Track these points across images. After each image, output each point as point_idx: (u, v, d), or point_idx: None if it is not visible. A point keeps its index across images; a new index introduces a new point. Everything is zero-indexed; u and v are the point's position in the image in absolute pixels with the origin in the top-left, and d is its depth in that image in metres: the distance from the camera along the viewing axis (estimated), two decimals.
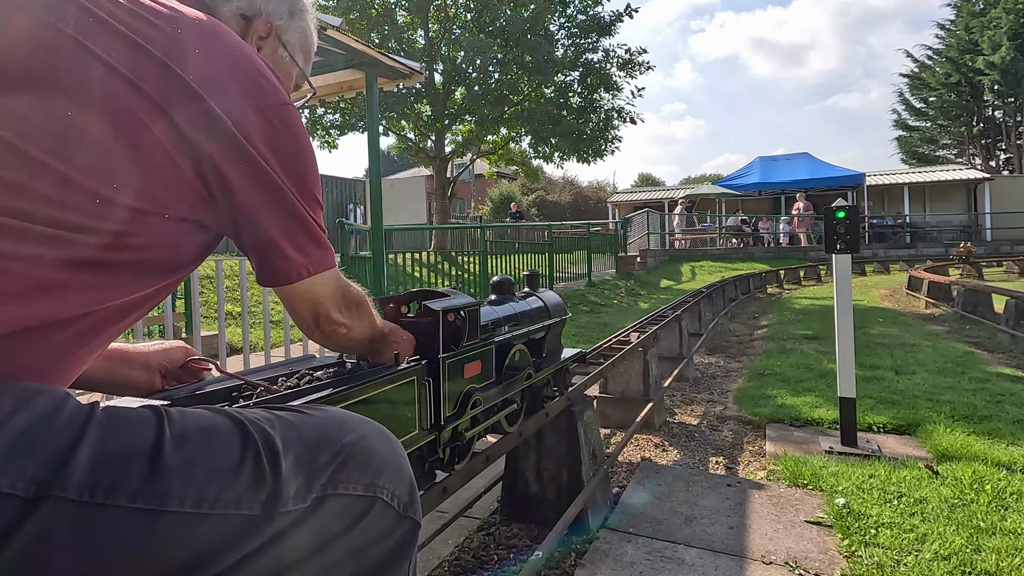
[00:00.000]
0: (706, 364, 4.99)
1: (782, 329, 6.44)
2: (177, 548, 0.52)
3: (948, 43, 28.97)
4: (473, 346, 1.27)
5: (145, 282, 0.63)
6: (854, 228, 2.88)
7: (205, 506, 0.53)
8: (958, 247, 13.36)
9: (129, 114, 0.58)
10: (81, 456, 0.49)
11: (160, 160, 0.60)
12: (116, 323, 0.63)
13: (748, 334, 6.49)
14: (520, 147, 14.62)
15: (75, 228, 0.56)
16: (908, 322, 6.75)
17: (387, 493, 0.66)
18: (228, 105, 0.63)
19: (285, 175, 0.68)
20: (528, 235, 10.20)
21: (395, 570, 0.68)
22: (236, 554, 0.55)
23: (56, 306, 0.55)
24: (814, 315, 7.52)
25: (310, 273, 0.73)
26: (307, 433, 0.63)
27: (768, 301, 9.76)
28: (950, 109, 29.56)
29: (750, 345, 5.81)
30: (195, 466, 0.54)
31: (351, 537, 0.63)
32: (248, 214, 0.67)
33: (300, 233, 0.71)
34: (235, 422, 0.59)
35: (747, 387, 4.02)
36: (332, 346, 0.88)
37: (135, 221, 0.59)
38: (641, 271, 13.07)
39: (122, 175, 0.58)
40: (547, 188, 45.33)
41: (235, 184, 0.64)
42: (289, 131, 0.69)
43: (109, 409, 0.55)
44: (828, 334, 5.83)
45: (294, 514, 0.58)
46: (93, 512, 0.48)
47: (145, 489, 0.50)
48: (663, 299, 9.19)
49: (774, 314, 7.86)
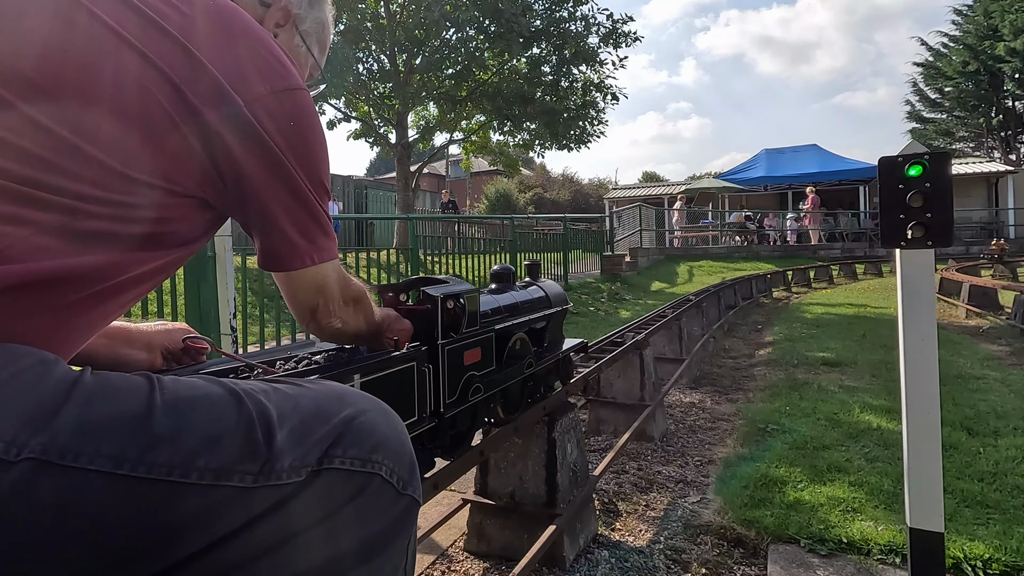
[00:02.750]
0: (684, 406, 3.57)
1: (791, 349, 5.00)
2: (163, 518, 0.49)
3: (966, 30, 27.31)
4: (473, 333, 1.25)
5: (149, 256, 0.62)
6: (942, 199, 1.45)
7: (194, 475, 0.50)
8: (989, 244, 11.85)
9: (142, 89, 0.58)
10: (65, 419, 0.48)
11: (171, 136, 0.59)
12: (117, 297, 0.61)
13: (748, 355, 5.06)
14: (498, 136, 13.27)
15: (80, 197, 0.55)
16: (953, 339, 5.30)
17: (386, 469, 0.62)
18: (241, 86, 0.63)
19: (295, 160, 0.67)
20: (490, 230, 8.78)
21: (392, 548, 0.64)
22: (226, 526, 0.52)
23: (56, 271, 0.54)
24: (831, 328, 6.07)
25: (314, 262, 0.73)
26: (304, 405, 0.60)
27: (774, 308, 8.31)
28: (967, 99, 27.90)
29: (749, 372, 4.39)
30: (185, 434, 0.51)
31: (347, 513, 0.59)
32: (256, 197, 0.66)
33: (307, 220, 0.70)
34: (229, 392, 0.57)
35: (740, 458, 2.60)
36: (325, 338, 0.87)
37: (142, 194, 0.59)
38: (630, 272, 11.64)
39: (132, 148, 0.57)
40: (545, 185, 43.96)
41: (244, 165, 0.64)
42: (302, 117, 0.68)
43: (100, 375, 0.53)
44: (853, 358, 4.39)
45: (288, 487, 0.55)
46: (76, 476, 0.46)
47: (131, 456, 0.48)
48: (652, 305, 7.78)
49: (781, 326, 6.42)
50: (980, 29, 26.17)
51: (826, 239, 18.13)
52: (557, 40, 8.61)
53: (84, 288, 0.57)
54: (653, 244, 15.17)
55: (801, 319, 6.83)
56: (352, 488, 0.60)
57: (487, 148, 13.52)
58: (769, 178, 20.64)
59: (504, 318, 1.46)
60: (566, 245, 9.27)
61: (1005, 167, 21.83)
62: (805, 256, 16.39)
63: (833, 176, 19.85)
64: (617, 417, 3.03)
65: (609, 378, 3.07)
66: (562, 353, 1.78)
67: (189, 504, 0.50)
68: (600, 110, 11.19)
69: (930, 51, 29.14)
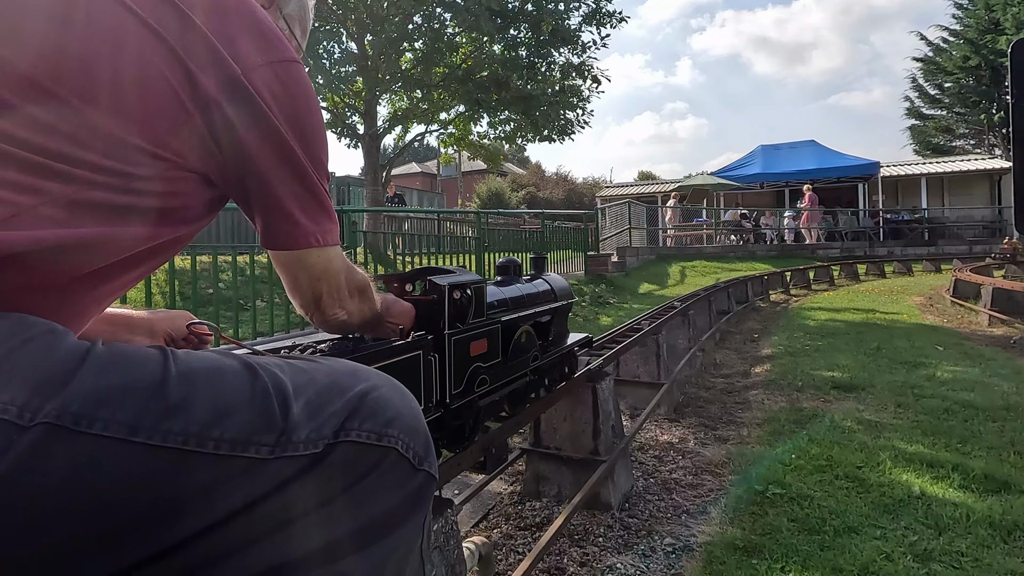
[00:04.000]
0: (660, 448, 2.76)
1: (794, 366, 4.20)
2: (178, 488, 0.48)
3: (966, 24, 26.64)
4: (479, 324, 1.24)
5: (153, 232, 0.61)
6: None
7: (210, 445, 0.49)
8: (992, 244, 11.09)
9: (144, 56, 0.57)
10: (79, 385, 0.47)
11: (171, 106, 0.58)
12: (122, 275, 0.61)
13: (742, 372, 4.26)
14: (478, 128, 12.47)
15: (88, 166, 0.54)
16: (982, 353, 4.51)
17: (401, 444, 0.61)
18: (238, 55, 0.62)
19: (293, 134, 0.65)
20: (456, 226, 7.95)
21: (409, 524, 0.62)
22: (242, 498, 0.51)
23: (63, 240, 0.53)
24: (837, 338, 5.28)
25: (319, 243, 0.70)
26: (319, 379, 0.60)
27: (772, 313, 7.52)
28: (968, 95, 27.22)
29: (743, 396, 3.59)
30: (200, 404, 0.50)
31: (364, 486, 0.58)
32: (256, 172, 0.64)
33: (309, 199, 0.68)
34: (244, 364, 0.56)
35: (728, 548, 1.79)
36: (328, 329, 0.85)
37: (148, 165, 0.58)
38: (617, 273, 10.84)
39: (137, 117, 0.57)
40: (538, 184, 43.21)
41: (242, 136, 0.62)
42: (298, 89, 0.66)
43: (112, 345, 0.52)
44: (869, 380, 3.58)
45: (305, 459, 0.54)
46: (91, 443, 0.45)
47: (147, 424, 0.47)
48: (638, 309, 6.99)
49: (781, 335, 5.62)
50: (981, 23, 25.48)
51: (825, 238, 17.41)
52: (533, 15, 7.78)
53: (90, 261, 0.56)
54: (644, 243, 14.37)
55: (802, 327, 6.04)
56: (369, 462, 0.58)
57: (466, 141, 12.70)
58: (766, 175, 19.91)
59: (509, 310, 1.44)
60: (545, 243, 8.45)
61: (1009, 163, 21.11)
62: (803, 256, 15.66)
63: (832, 173, 19.13)
64: (562, 475, 2.22)
65: (552, 421, 2.26)
66: (567, 348, 1.76)
67: (205, 474, 0.49)
68: (584, 98, 10.39)
69: (929, 46, 28.47)
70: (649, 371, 3.37)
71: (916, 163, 23.27)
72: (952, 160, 22.60)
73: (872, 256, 16.34)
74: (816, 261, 14.11)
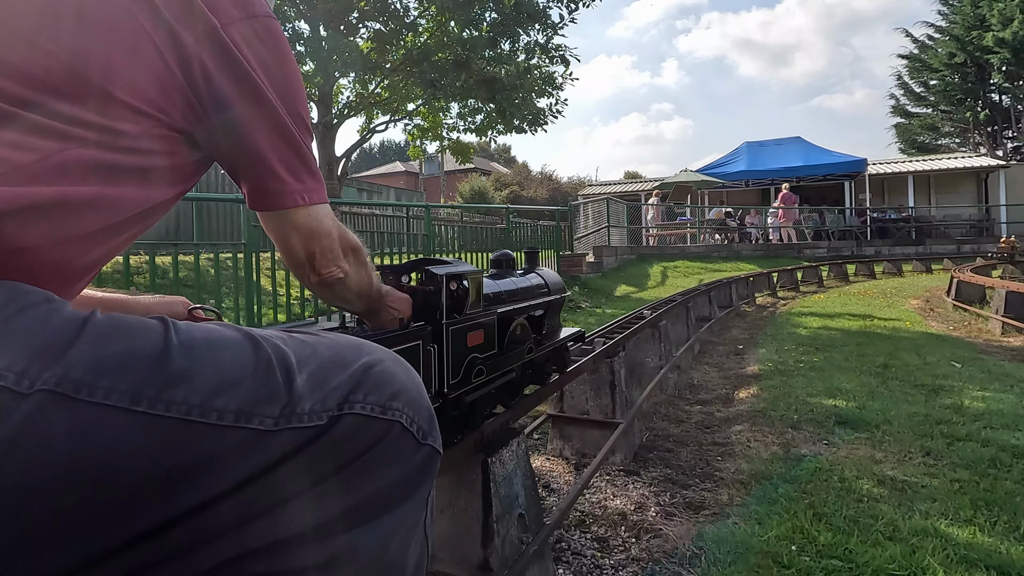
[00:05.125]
0: (606, 522, 1.97)
1: (786, 390, 3.44)
2: (181, 458, 0.47)
3: (952, 20, 26.28)
4: (476, 315, 1.24)
5: (142, 193, 0.60)
6: None
7: (213, 416, 0.48)
8: (999, 242, 10.50)
9: (128, 12, 0.57)
10: (79, 353, 0.45)
11: (154, 62, 0.58)
12: (112, 238, 0.59)
13: (724, 398, 3.48)
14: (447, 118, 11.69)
15: (79, 123, 0.54)
16: (1008, 371, 3.78)
17: (406, 418, 0.60)
18: (217, 9, 0.61)
19: (273, 88, 0.65)
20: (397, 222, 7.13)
21: (413, 498, 0.61)
22: (245, 470, 0.49)
23: (56, 197, 0.52)
24: (834, 350, 4.54)
25: (306, 202, 0.69)
26: (322, 352, 0.58)
27: (758, 318, 6.79)
28: (953, 93, 26.90)
29: (724, 435, 2.81)
30: (203, 374, 0.49)
31: (368, 459, 0.57)
32: (237, 128, 0.64)
33: (292, 156, 0.67)
34: (246, 335, 0.55)
35: None
36: (328, 296, 0.81)
37: (135, 121, 0.57)
38: (593, 274, 10.08)
39: (121, 72, 0.56)
40: (522, 183, 42.44)
41: (225, 92, 0.62)
42: (276, 44, 0.66)
43: (111, 315, 0.51)
44: (883, 412, 2.83)
45: (310, 431, 0.53)
46: (92, 411, 0.44)
47: (149, 393, 0.46)
48: (611, 315, 6.23)
49: (769, 347, 4.87)
50: (967, 19, 25.12)
51: (811, 237, 16.82)
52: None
53: (83, 224, 0.54)
54: (624, 242, 13.63)
55: (793, 336, 5.30)
56: (373, 434, 0.57)
57: (435, 133, 11.88)
58: (751, 172, 19.31)
59: (505, 303, 1.43)
60: (510, 242, 7.65)
61: (996, 161, 20.74)
62: (789, 256, 15.03)
63: (818, 170, 18.59)
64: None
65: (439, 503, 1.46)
66: (560, 341, 1.77)
67: (208, 445, 0.48)
68: (556, 85, 9.61)
69: (915, 43, 28.10)
70: (602, 406, 2.58)
71: (903, 161, 22.82)
72: (939, 158, 22.16)
73: (860, 256, 15.77)
74: (803, 261, 13.48)
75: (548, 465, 2.52)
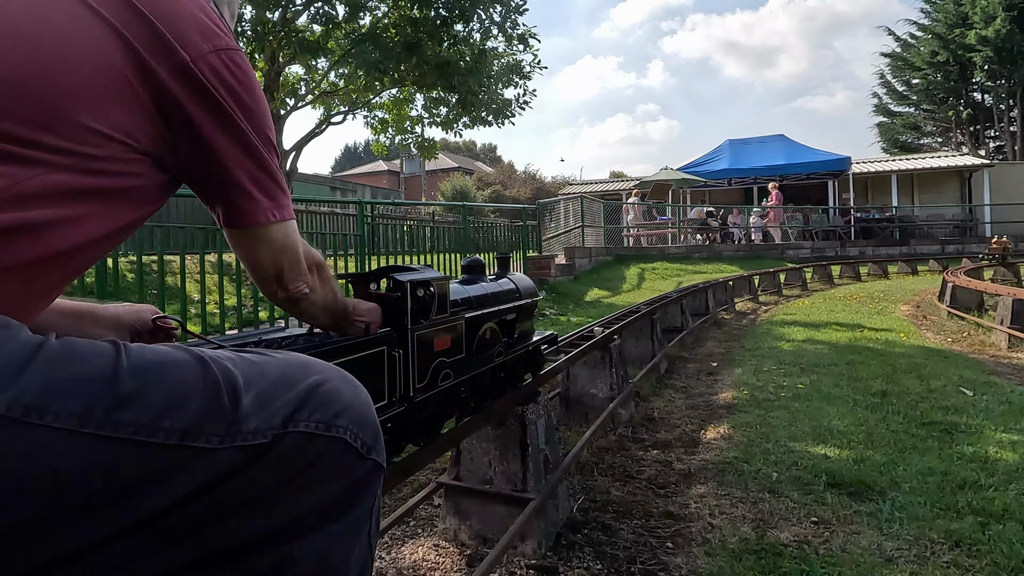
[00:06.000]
0: None
1: (765, 431, 2.75)
2: (127, 476, 0.50)
3: (935, 18, 26.03)
4: (442, 320, 1.26)
5: (106, 215, 0.61)
6: None
7: (160, 436, 0.51)
8: (991, 243, 9.99)
9: (94, 41, 0.58)
10: (31, 377, 0.47)
11: (121, 88, 0.59)
12: (74, 259, 0.60)
13: (687, 440, 2.78)
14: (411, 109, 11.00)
15: (44, 147, 0.55)
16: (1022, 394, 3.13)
17: (350, 434, 0.63)
18: (186, 43, 0.63)
19: (243, 116, 0.67)
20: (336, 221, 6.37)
21: (357, 510, 0.65)
22: (190, 485, 0.52)
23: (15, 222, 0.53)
24: (822, 372, 3.88)
25: (276, 219, 0.72)
26: (270, 372, 0.61)
27: (737, 328, 6.14)
28: (936, 92, 26.69)
29: (679, 507, 2.10)
30: (151, 395, 0.52)
31: (311, 474, 0.60)
32: (211, 154, 0.66)
33: (262, 175, 0.70)
34: (195, 357, 0.57)
35: None
36: (294, 311, 0.84)
37: (102, 146, 0.58)
38: (563, 277, 9.40)
39: (88, 98, 0.57)
40: (505, 182, 41.71)
41: (197, 121, 0.64)
42: (244, 75, 0.68)
43: (65, 339, 0.53)
44: (888, 467, 2.15)
45: (254, 449, 0.56)
46: (40, 434, 0.46)
47: (97, 415, 0.49)
48: (576, 324, 5.54)
49: (747, 365, 4.21)
50: (949, 17, 24.87)
51: (794, 237, 16.33)
52: None
53: (43, 245, 0.55)
54: (601, 243, 12.97)
55: (775, 352, 4.64)
56: (316, 451, 0.60)
57: (398, 127, 11.14)
58: (733, 170, 18.78)
59: (474, 307, 1.45)
60: (466, 242, 6.93)
61: (981, 160, 20.46)
62: (772, 257, 14.50)
63: (802, 168, 18.11)
64: None
65: None
66: (531, 344, 1.80)
67: (155, 463, 0.50)
68: (524, 75, 8.92)
69: (898, 41, 27.84)
70: (509, 472, 1.88)
71: (886, 160, 22.47)
72: (922, 157, 21.83)
73: (844, 257, 15.29)
74: (786, 262, 12.93)
75: (433, 557, 1.81)
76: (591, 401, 3.04)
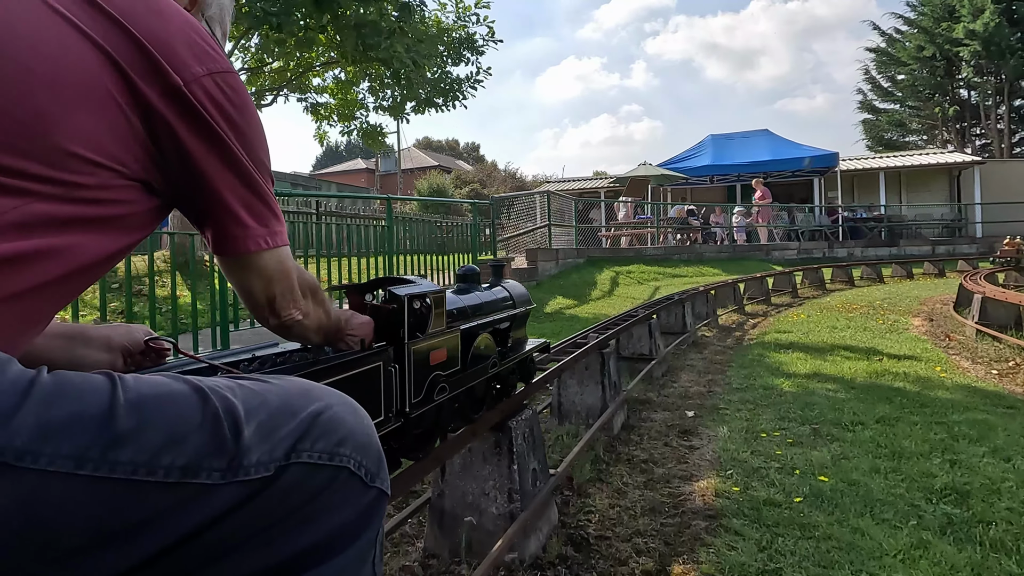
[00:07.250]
0: None
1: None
2: (127, 517, 0.48)
3: (921, 12, 25.27)
4: (439, 333, 1.25)
5: (96, 243, 0.60)
6: None
7: (160, 474, 0.49)
8: (1003, 243, 8.94)
9: (83, 65, 0.57)
10: (23, 420, 0.46)
11: (111, 114, 0.58)
12: (65, 286, 0.59)
13: None
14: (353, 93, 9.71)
15: (31, 177, 0.54)
16: None
17: (353, 462, 0.62)
18: (179, 66, 0.62)
19: (237, 140, 0.66)
20: None
21: (361, 541, 0.63)
22: (193, 523, 0.51)
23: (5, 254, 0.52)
24: (844, 437, 2.66)
25: (268, 245, 0.70)
26: (270, 401, 0.60)
27: (720, 352, 4.94)
28: (922, 88, 25.95)
29: None
30: (149, 432, 0.50)
31: (315, 505, 0.59)
32: (202, 179, 0.65)
33: (256, 202, 0.69)
34: (194, 388, 0.56)
35: None
36: (287, 335, 0.83)
37: (90, 174, 0.57)
38: (526, 282, 8.16)
39: (75, 125, 0.56)
40: (484, 180, 40.40)
41: (188, 145, 0.63)
42: (239, 99, 0.67)
43: (57, 374, 0.51)
44: None
45: (256, 483, 0.55)
46: (34, 479, 0.45)
47: (94, 456, 0.47)
48: None
49: (735, 421, 2.99)
50: (936, 10, 24.13)
51: (780, 238, 15.30)
52: None
53: (33, 275, 0.54)
54: (571, 244, 11.74)
55: (773, 398, 3.42)
56: (320, 481, 0.59)
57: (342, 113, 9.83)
58: (716, 167, 17.69)
59: (469, 318, 1.44)
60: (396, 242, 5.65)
61: (971, 157, 19.62)
62: (757, 258, 13.44)
63: (788, 164, 17.08)
64: None
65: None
66: (524, 353, 1.77)
67: (155, 502, 0.49)
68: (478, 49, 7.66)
69: (882, 35, 27.07)
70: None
71: (873, 157, 21.61)
72: (910, 154, 20.99)
73: (832, 258, 14.30)
74: (772, 264, 11.86)
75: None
76: (457, 523, 1.79)
